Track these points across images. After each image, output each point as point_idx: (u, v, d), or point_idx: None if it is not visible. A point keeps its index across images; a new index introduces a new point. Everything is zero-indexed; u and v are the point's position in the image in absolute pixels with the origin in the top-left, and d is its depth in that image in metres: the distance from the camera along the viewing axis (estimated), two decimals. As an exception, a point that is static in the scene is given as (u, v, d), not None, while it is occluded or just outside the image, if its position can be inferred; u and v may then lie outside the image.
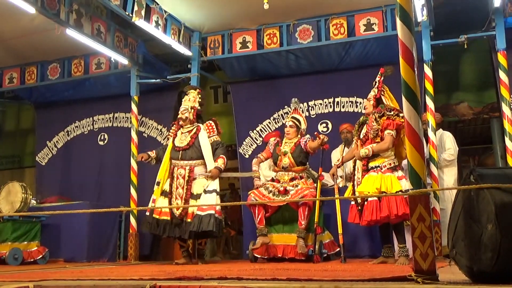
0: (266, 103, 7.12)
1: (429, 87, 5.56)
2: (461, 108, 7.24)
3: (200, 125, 5.24)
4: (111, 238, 6.70)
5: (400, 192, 4.06)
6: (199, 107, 5.29)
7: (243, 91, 7.36)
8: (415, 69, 2.48)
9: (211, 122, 5.29)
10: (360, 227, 5.17)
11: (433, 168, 5.40)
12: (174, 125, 5.37)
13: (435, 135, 5.55)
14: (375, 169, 4.37)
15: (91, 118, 8.07)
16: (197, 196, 5.00)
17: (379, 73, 4.55)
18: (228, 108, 7.68)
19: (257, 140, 7.14)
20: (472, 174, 2.35)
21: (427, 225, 2.25)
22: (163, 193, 5.08)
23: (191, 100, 5.27)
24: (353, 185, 4.53)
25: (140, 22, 5.39)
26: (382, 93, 4.49)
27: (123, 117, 7.88)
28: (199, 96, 5.33)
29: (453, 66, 7.18)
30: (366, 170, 4.40)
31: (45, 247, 6.09)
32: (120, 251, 6.79)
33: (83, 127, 8.12)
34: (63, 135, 8.20)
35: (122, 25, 6.50)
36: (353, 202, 4.50)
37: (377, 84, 4.55)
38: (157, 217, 5.03)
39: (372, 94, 4.56)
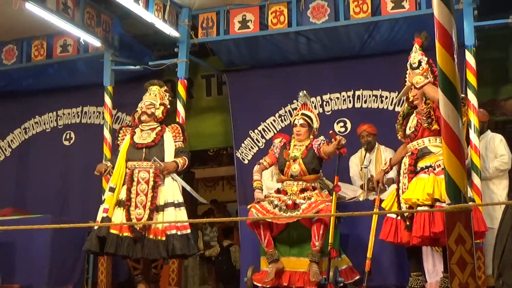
0: (270, 97, 7.13)
1: (471, 78, 5.57)
2: (510, 104, 7.25)
3: (165, 126, 5.44)
4: (77, 261, 6.69)
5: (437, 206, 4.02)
6: (169, 106, 5.55)
7: (242, 81, 7.37)
8: (455, 56, 2.49)
9: (177, 125, 5.51)
10: (386, 249, 5.15)
11: (475, 179, 5.40)
12: (123, 128, 5.56)
13: (479, 138, 5.55)
14: (426, 169, 4.20)
15: (54, 113, 8.08)
16: (162, 209, 5.15)
17: (417, 47, 4.46)
18: (223, 103, 7.69)
19: (258, 142, 7.15)
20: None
21: (467, 248, 2.26)
22: (119, 203, 5.11)
23: (157, 96, 5.48)
24: (398, 195, 4.40)
25: (116, -5, 5.41)
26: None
27: (94, 112, 7.89)
28: (168, 94, 5.59)
29: (501, 52, 7.18)
30: (414, 172, 4.26)
31: (-3, 270, 6.09)
32: (88, 276, 6.78)
33: (44, 124, 8.13)
34: (20, 133, 8.21)
35: (94, -2, 6.53)
36: (392, 216, 4.37)
37: (429, 66, 4.36)
38: (117, 233, 5.00)
39: (422, 80, 4.33)
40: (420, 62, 4.43)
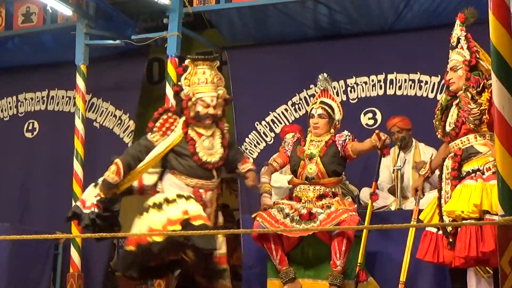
0: (282, 81, 7.14)
1: (532, 60, 5.55)
2: None
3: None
4: (41, 280, 6.72)
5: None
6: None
7: (247, 61, 7.37)
8: (513, 31, 2.48)
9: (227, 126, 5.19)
10: (424, 271, 5.14)
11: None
12: (171, 113, 5.05)
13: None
14: (473, 174, 4.18)
15: (14, 97, 8.12)
16: None
17: (458, 23, 4.46)
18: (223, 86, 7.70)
19: (266, 136, 7.15)
20: None
21: (525, 271, 2.26)
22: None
23: (214, 82, 4.98)
24: (439, 204, 4.38)
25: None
26: (478, 54, 4.30)
27: (63, 97, 7.91)
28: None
29: None
30: (458, 177, 4.23)
31: None
32: (55, 299, 6.83)
33: (1, 111, 8.16)
34: (-28, 122, 8.26)
35: (65, -44, 6.53)
36: (432, 229, 4.37)
37: (466, 41, 4.35)
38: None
39: (458, 58, 4.36)
40: (459, 40, 4.42)
